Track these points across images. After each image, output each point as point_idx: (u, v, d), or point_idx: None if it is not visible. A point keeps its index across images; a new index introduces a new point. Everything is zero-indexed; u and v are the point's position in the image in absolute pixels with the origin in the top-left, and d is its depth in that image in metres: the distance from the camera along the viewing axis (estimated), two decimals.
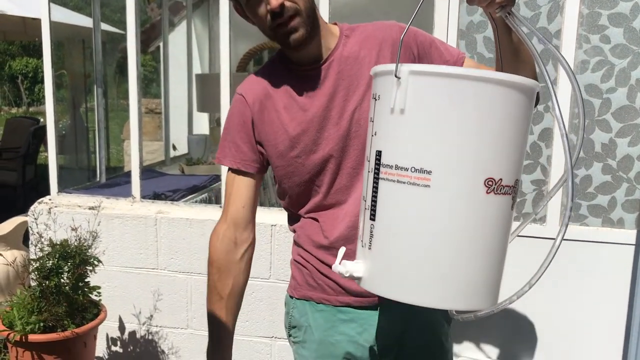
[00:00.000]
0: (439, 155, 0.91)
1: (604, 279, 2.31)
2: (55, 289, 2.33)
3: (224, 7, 2.58)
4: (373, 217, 0.98)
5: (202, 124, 5.01)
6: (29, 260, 2.43)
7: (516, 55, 1.16)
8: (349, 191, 1.31)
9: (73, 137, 5.26)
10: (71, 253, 2.37)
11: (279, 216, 2.52)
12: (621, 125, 2.27)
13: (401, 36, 0.99)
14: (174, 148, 4.45)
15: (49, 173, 2.92)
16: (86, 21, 4.67)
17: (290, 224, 1.44)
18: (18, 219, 3.36)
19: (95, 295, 2.49)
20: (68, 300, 2.36)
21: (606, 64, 2.25)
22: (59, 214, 2.74)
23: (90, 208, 2.67)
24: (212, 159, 4.05)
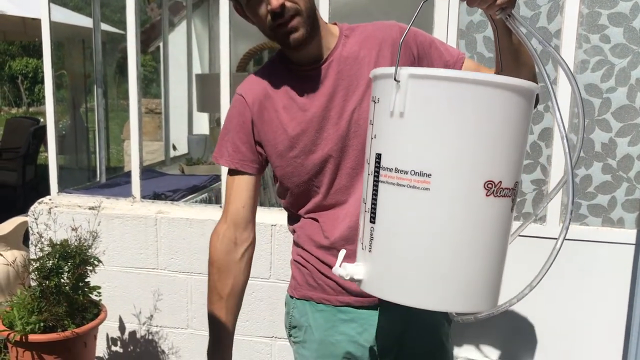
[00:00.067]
0: (438, 158, 0.91)
1: (604, 278, 2.31)
2: (56, 289, 2.33)
3: (224, 7, 2.58)
4: (373, 220, 0.98)
5: (202, 124, 5.00)
6: (29, 260, 2.43)
7: (516, 56, 1.16)
8: (348, 191, 1.31)
9: (73, 137, 5.26)
10: (71, 253, 2.37)
11: (279, 216, 2.52)
12: (621, 125, 2.27)
13: (401, 37, 0.99)
14: (174, 148, 4.44)
15: (49, 173, 2.92)
16: (86, 21, 4.67)
17: (290, 224, 1.44)
18: (18, 219, 3.36)
19: (96, 295, 2.49)
20: (68, 300, 2.36)
21: (606, 64, 2.25)
22: (59, 214, 2.74)
23: (90, 208, 2.67)
24: (213, 160, 4.04)
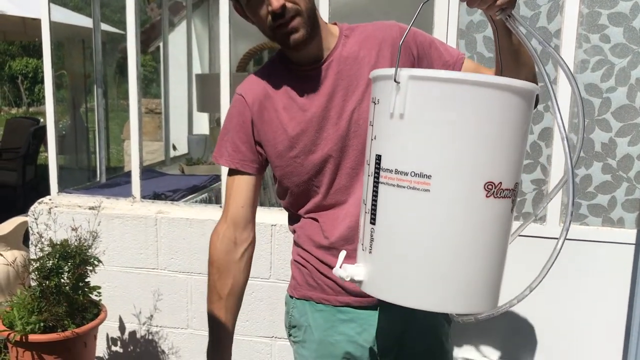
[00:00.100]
0: (438, 159, 0.91)
1: (604, 278, 2.31)
2: (56, 289, 2.33)
3: (224, 7, 2.58)
4: (373, 221, 0.98)
5: (202, 124, 5.00)
6: (29, 260, 2.43)
7: (516, 57, 1.16)
8: (348, 191, 1.30)
9: (73, 137, 5.25)
10: (71, 253, 2.37)
11: (279, 216, 2.53)
12: (621, 125, 2.27)
13: (401, 37, 0.99)
14: (174, 148, 4.44)
15: (49, 173, 2.92)
16: (86, 21, 4.67)
17: (290, 224, 1.44)
18: (18, 219, 3.36)
19: (96, 295, 2.49)
20: (68, 300, 2.36)
21: (606, 64, 2.25)
22: (59, 214, 2.74)
23: (90, 208, 2.67)
24: (212, 160, 4.04)
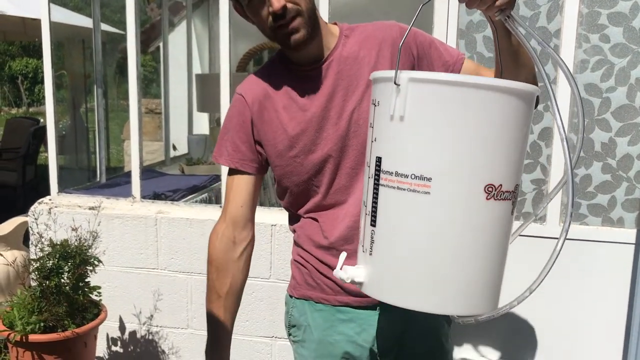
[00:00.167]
0: (438, 162, 0.91)
1: (604, 278, 2.31)
2: (56, 289, 2.33)
3: (224, 7, 2.58)
4: (374, 223, 0.98)
5: (202, 124, 5.01)
6: (29, 261, 2.43)
7: (516, 57, 1.16)
8: (348, 191, 1.31)
9: (73, 138, 5.26)
10: (71, 253, 2.37)
11: (279, 216, 2.53)
12: (621, 125, 2.27)
13: (401, 37, 0.99)
14: (174, 148, 4.44)
15: (49, 173, 2.92)
16: (86, 21, 4.67)
17: (290, 224, 1.44)
18: (18, 219, 3.36)
19: (96, 295, 2.49)
20: (68, 300, 2.36)
21: (606, 63, 2.25)
22: (59, 214, 2.74)
23: (90, 208, 2.67)
24: (212, 159, 4.04)
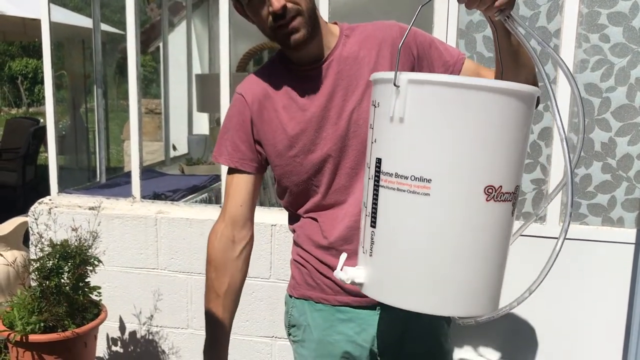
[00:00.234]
0: (438, 163, 0.91)
1: (604, 278, 2.31)
2: (56, 289, 2.33)
3: (224, 7, 2.58)
4: (374, 224, 0.98)
5: (202, 124, 5.01)
6: (29, 261, 2.44)
7: (516, 57, 1.16)
8: (347, 191, 1.31)
9: (73, 138, 5.26)
10: (71, 253, 2.37)
11: (279, 216, 2.53)
12: (621, 124, 2.27)
13: (401, 37, 0.99)
14: (174, 148, 4.45)
15: (49, 173, 2.92)
16: (86, 22, 4.67)
17: (290, 224, 1.45)
18: (18, 220, 3.36)
19: (96, 295, 2.49)
20: (68, 301, 2.36)
21: (606, 63, 2.25)
22: (59, 214, 2.74)
23: (90, 208, 2.67)
24: (212, 159, 4.04)
